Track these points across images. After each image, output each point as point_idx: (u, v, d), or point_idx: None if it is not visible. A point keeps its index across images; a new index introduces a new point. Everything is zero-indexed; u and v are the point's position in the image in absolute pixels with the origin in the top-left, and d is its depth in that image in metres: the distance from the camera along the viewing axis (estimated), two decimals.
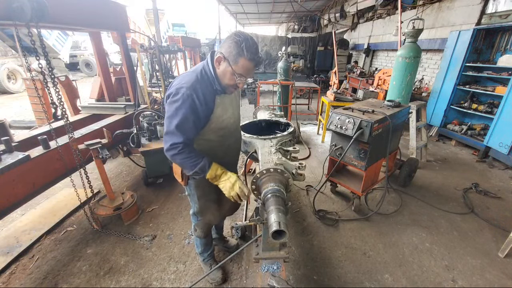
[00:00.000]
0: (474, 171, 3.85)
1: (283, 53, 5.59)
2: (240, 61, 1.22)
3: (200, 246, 1.92)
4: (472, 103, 4.68)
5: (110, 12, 2.99)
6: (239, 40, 1.19)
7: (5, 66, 8.61)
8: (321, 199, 3.05)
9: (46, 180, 2.18)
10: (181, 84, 1.24)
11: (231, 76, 1.27)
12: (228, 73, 1.26)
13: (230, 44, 1.21)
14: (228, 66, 1.24)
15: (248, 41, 1.20)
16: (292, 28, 16.70)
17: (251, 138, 1.82)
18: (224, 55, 1.23)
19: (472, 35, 4.42)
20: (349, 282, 1.99)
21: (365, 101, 3.43)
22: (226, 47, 1.23)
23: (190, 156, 1.27)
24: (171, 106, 1.25)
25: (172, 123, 1.24)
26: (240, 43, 1.19)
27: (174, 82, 1.30)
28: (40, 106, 2.24)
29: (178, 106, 1.23)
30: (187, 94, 1.22)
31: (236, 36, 1.21)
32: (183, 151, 1.25)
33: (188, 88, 1.22)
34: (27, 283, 1.92)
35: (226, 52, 1.23)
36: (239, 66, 1.23)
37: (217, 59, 1.27)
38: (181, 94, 1.22)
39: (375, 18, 8.87)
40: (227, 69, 1.25)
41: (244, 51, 1.19)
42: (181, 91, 1.22)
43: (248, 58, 1.21)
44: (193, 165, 1.27)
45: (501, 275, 2.07)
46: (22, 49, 2.34)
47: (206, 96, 1.29)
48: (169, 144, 1.26)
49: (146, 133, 3.11)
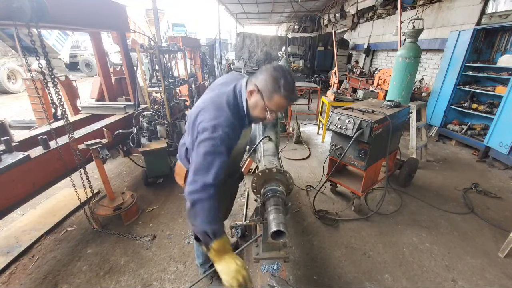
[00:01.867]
0: (474, 171, 3.85)
1: (283, 53, 5.59)
2: (275, 98, 1.14)
3: (201, 257, 1.85)
4: (472, 103, 4.68)
5: (110, 12, 2.99)
6: (277, 76, 1.12)
7: (5, 66, 8.61)
8: (321, 199, 3.05)
9: (46, 180, 2.18)
10: (218, 121, 1.11)
11: (262, 111, 1.19)
12: (260, 107, 1.19)
13: (267, 79, 1.13)
14: (260, 100, 1.16)
15: (287, 78, 1.12)
16: (292, 28, 16.70)
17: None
18: (259, 88, 1.15)
19: (472, 35, 4.42)
20: (349, 282, 1.99)
21: (365, 101, 3.43)
22: (262, 81, 1.15)
23: (215, 208, 1.08)
24: (207, 143, 1.10)
25: (206, 162, 1.09)
26: (278, 80, 1.11)
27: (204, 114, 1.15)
28: (40, 106, 2.24)
29: (217, 146, 1.09)
30: (226, 134, 1.11)
31: (275, 71, 1.13)
32: (214, 197, 1.08)
33: (226, 126, 1.11)
34: (27, 283, 1.92)
35: (261, 86, 1.14)
36: (272, 102, 1.15)
37: (250, 91, 1.18)
38: (221, 133, 1.10)
39: (375, 18, 8.87)
40: (259, 103, 1.18)
41: (282, 89, 1.11)
42: (219, 129, 1.10)
43: (283, 96, 1.13)
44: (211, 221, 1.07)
45: (501, 275, 2.07)
46: (22, 49, 2.34)
47: (237, 133, 1.21)
48: (201, 184, 1.07)
49: (146, 133, 3.11)
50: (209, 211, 1.07)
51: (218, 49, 11.20)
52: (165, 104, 3.57)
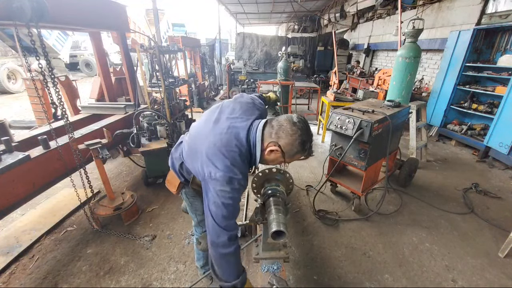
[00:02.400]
0: (474, 171, 3.85)
1: (283, 53, 5.59)
2: (296, 156, 1.13)
3: (202, 259, 1.84)
4: (472, 103, 4.68)
5: (110, 12, 2.99)
6: (305, 141, 1.09)
7: (5, 66, 8.60)
8: (321, 199, 3.05)
9: (46, 180, 2.18)
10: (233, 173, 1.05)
11: (280, 163, 1.20)
12: (278, 161, 1.17)
13: (294, 142, 1.08)
14: (281, 158, 1.13)
15: (311, 140, 1.12)
16: (292, 28, 16.69)
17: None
18: (282, 149, 1.09)
19: (472, 35, 4.42)
20: (349, 282, 1.99)
21: (365, 101, 3.43)
22: (287, 142, 1.08)
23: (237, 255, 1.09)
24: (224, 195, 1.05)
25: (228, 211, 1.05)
26: (305, 145, 1.09)
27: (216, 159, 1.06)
28: (40, 106, 2.24)
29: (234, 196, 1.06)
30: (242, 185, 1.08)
31: (303, 135, 1.08)
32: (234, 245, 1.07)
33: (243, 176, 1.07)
34: (27, 283, 1.92)
35: (286, 147, 1.09)
36: (292, 159, 1.15)
37: (272, 150, 1.10)
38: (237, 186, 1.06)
39: (375, 18, 8.87)
40: (279, 159, 1.15)
41: (306, 152, 1.12)
42: (235, 182, 1.05)
43: (305, 155, 1.14)
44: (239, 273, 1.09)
45: (501, 275, 2.07)
46: (22, 49, 2.34)
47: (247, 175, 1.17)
48: (228, 237, 1.05)
49: (146, 133, 3.11)
50: (236, 265, 1.09)
51: (218, 49, 11.20)
52: (165, 104, 3.57)
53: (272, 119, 1.16)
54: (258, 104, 1.33)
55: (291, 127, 1.08)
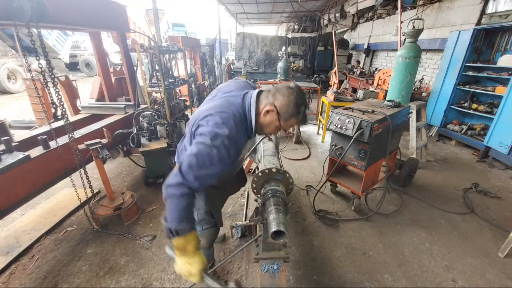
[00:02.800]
0: (474, 171, 3.85)
1: (283, 53, 5.59)
2: (291, 120, 1.18)
3: None
4: (472, 103, 4.68)
5: (110, 12, 2.99)
6: (299, 103, 1.14)
7: (5, 66, 8.61)
8: (321, 199, 3.05)
9: (46, 180, 2.18)
10: (221, 131, 1.06)
11: (275, 129, 1.23)
12: (273, 126, 1.21)
13: (288, 103, 1.14)
14: (277, 120, 1.17)
15: (306, 104, 1.19)
16: (292, 28, 16.70)
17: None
18: (278, 110, 1.15)
19: (472, 35, 4.42)
20: (349, 282, 1.99)
21: (365, 101, 3.43)
22: (283, 103, 1.14)
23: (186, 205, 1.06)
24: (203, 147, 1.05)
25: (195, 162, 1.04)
26: (299, 106, 1.15)
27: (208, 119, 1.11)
28: (40, 106, 2.24)
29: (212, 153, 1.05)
30: (225, 146, 1.07)
31: (297, 98, 1.14)
32: (186, 197, 1.05)
33: (229, 139, 1.07)
34: (27, 283, 1.92)
35: (281, 108, 1.14)
36: (288, 123, 1.20)
37: (268, 111, 1.16)
38: (219, 143, 1.05)
39: (375, 18, 8.87)
40: (274, 123, 1.19)
41: (301, 115, 1.17)
42: (220, 139, 1.05)
43: (300, 120, 1.19)
44: (177, 219, 1.04)
45: (501, 275, 2.07)
46: (22, 49, 2.34)
47: (242, 145, 1.22)
48: (180, 181, 1.04)
49: (146, 133, 3.11)
50: (179, 209, 1.04)
51: (218, 49, 11.20)
52: (165, 104, 3.57)
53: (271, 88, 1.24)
54: (252, 84, 1.44)
55: (287, 89, 1.16)
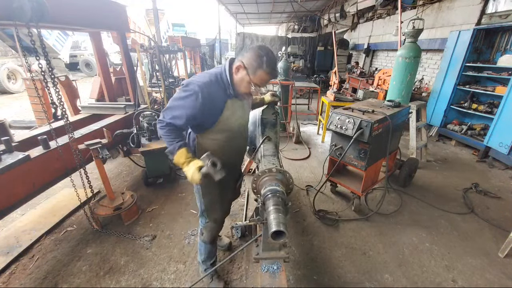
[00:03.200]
0: (474, 171, 3.85)
1: (283, 53, 5.59)
2: (258, 73, 1.31)
3: (204, 253, 1.84)
4: (472, 103, 4.68)
5: (110, 12, 2.99)
6: (261, 53, 1.29)
7: (5, 66, 8.61)
8: (321, 199, 3.05)
9: (46, 180, 2.18)
10: (195, 80, 1.34)
11: (247, 85, 1.36)
12: (245, 82, 1.35)
13: (252, 56, 1.30)
14: (246, 75, 1.33)
15: (269, 55, 1.30)
16: (292, 28, 16.70)
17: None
18: (244, 65, 1.32)
19: (472, 35, 4.42)
20: (349, 282, 1.99)
21: (365, 101, 3.43)
22: (248, 58, 1.32)
23: (169, 135, 1.37)
24: (179, 93, 1.36)
25: (171, 104, 1.36)
26: (261, 57, 1.28)
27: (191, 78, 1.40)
28: (40, 106, 2.24)
29: (183, 96, 1.33)
30: (194, 90, 1.30)
31: (259, 49, 1.31)
32: (165, 129, 1.36)
33: (198, 85, 1.31)
34: (27, 283, 1.92)
35: (247, 63, 1.32)
36: (257, 77, 1.32)
37: (237, 67, 1.35)
38: (190, 87, 1.31)
39: (375, 18, 8.87)
40: (244, 78, 1.34)
41: (265, 64, 1.28)
42: (191, 85, 1.32)
43: (267, 72, 1.31)
44: (168, 144, 1.38)
45: (501, 275, 2.07)
46: (22, 49, 2.34)
47: (214, 98, 1.37)
48: (159, 118, 1.39)
49: (146, 133, 3.11)
50: (165, 137, 1.37)
51: (218, 49, 11.20)
52: (165, 104, 3.57)
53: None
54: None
55: (251, 47, 1.36)
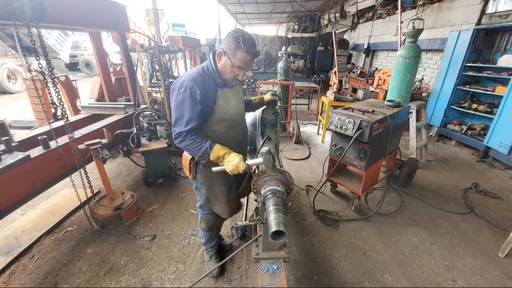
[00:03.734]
0: (474, 171, 3.85)
1: (283, 53, 5.58)
2: (238, 54, 1.34)
3: (204, 237, 2.00)
4: (472, 103, 4.68)
5: (110, 12, 2.99)
6: (236, 35, 1.33)
7: (5, 66, 8.61)
8: (321, 199, 3.05)
9: (46, 180, 2.18)
10: (184, 78, 1.38)
11: (231, 69, 1.39)
12: (228, 66, 1.39)
13: (229, 40, 1.35)
14: (227, 59, 1.37)
15: (245, 36, 1.33)
16: (292, 28, 16.70)
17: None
18: (224, 50, 1.37)
19: (472, 35, 4.42)
20: (349, 282, 1.99)
21: (365, 101, 3.43)
22: (226, 43, 1.37)
23: (194, 141, 1.37)
24: (176, 99, 1.37)
25: (177, 114, 1.38)
26: (237, 38, 1.32)
27: (179, 78, 1.42)
28: (40, 106, 2.24)
29: (182, 99, 1.35)
30: (189, 86, 1.34)
31: (234, 32, 1.35)
32: (186, 138, 1.37)
33: (189, 81, 1.35)
34: (27, 283, 1.92)
35: (226, 47, 1.36)
36: (237, 58, 1.35)
37: (218, 54, 1.40)
38: (184, 87, 1.34)
39: (375, 18, 8.87)
40: (227, 62, 1.38)
41: (241, 44, 1.31)
42: (184, 84, 1.35)
43: (245, 51, 1.33)
44: (197, 149, 1.37)
45: (501, 275, 2.07)
46: (22, 49, 2.34)
47: (206, 88, 1.40)
48: (175, 133, 1.39)
49: (146, 133, 3.11)
50: (190, 145, 1.38)
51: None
52: (165, 104, 3.57)
53: None
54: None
55: (228, 32, 1.39)
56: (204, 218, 1.85)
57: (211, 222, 1.86)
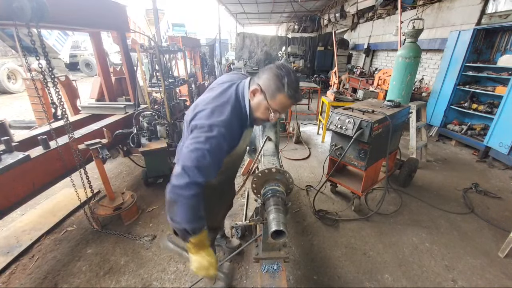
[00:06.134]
0: (474, 171, 3.85)
1: (283, 53, 5.59)
2: (278, 97, 1.11)
3: None
4: (472, 103, 4.68)
5: (110, 12, 2.99)
6: (280, 74, 1.09)
7: (5, 66, 8.61)
8: (321, 199, 3.05)
9: (46, 180, 2.18)
10: (216, 121, 1.08)
11: (265, 111, 1.17)
12: (263, 107, 1.16)
13: (270, 77, 1.11)
14: (264, 100, 1.13)
15: (291, 76, 1.10)
16: (292, 28, 16.71)
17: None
18: (262, 88, 1.13)
19: (472, 35, 4.42)
20: (349, 282, 1.99)
21: (365, 101, 3.43)
22: (265, 79, 1.13)
23: (197, 203, 1.05)
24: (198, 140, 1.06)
25: (198, 160, 1.04)
26: (281, 78, 1.09)
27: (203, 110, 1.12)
28: (40, 106, 2.24)
29: (211, 147, 1.05)
30: (221, 134, 1.07)
31: (278, 69, 1.11)
32: (198, 195, 1.04)
33: (222, 126, 1.08)
34: (27, 283, 1.92)
35: (264, 85, 1.12)
36: (276, 101, 1.12)
37: (253, 91, 1.15)
38: (214, 133, 1.06)
39: (375, 18, 8.87)
40: (262, 103, 1.15)
41: (285, 87, 1.09)
42: (216, 129, 1.06)
43: (288, 95, 1.10)
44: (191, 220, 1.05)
45: (501, 275, 2.07)
46: (22, 49, 2.34)
47: (234, 133, 1.18)
48: (188, 181, 1.01)
49: (146, 133, 3.11)
50: (191, 209, 1.03)
51: (218, 49, 11.20)
52: (165, 104, 3.57)
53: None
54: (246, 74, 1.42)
55: (269, 67, 1.15)
56: None
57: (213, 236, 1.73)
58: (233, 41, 17.97)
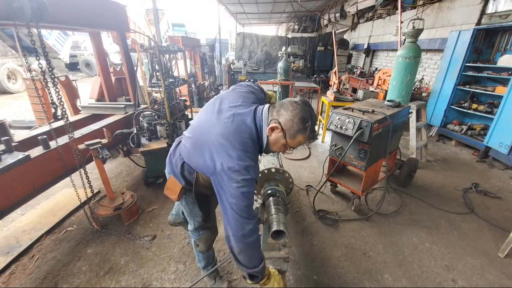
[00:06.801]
0: (474, 171, 3.85)
1: (283, 53, 5.59)
2: (298, 137, 1.12)
3: (203, 261, 1.80)
4: (472, 103, 4.68)
5: (110, 12, 2.99)
6: (305, 117, 1.08)
7: (5, 66, 8.60)
8: (321, 199, 3.05)
9: (46, 180, 2.18)
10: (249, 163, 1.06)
11: (282, 147, 1.17)
12: (280, 144, 1.15)
13: (294, 118, 1.08)
14: (283, 138, 1.12)
15: (313, 119, 1.10)
16: (292, 28, 16.70)
17: None
18: (282, 127, 1.10)
19: (472, 35, 4.42)
20: (349, 282, 1.99)
21: (365, 101, 3.42)
22: (288, 118, 1.09)
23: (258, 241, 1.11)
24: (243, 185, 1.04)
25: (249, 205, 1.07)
26: (306, 121, 1.08)
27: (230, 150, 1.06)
28: (40, 106, 2.24)
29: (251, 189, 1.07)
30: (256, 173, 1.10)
31: (303, 111, 1.09)
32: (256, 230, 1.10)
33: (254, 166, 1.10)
34: (27, 283, 1.92)
35: (286, 124, 1.09)
36: (295, 141, 1.13)
37: (272, 128, 1.11)
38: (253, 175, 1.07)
39: (375, 18, 8.87)
40: (280, 140, 1.13)
41: (308, 130, 1.09)
42: (251, 170, 1.06)
43: (307, 137, 1.12)
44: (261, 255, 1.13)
45: (501, 275, 2.07)
46: (22, 49, 2.34)
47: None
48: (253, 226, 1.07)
49: (146, 133, 3.11)
50: (258, 250, 1.11)
51: (218, 49, 11.20)
52: (165, 104, 3.57)
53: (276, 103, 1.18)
54: (257, 91, 1.35)
55: (291, 104, 1.11)
56: (201, 239, 1.61)
57: (210, 240, 1.66)
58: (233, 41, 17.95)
